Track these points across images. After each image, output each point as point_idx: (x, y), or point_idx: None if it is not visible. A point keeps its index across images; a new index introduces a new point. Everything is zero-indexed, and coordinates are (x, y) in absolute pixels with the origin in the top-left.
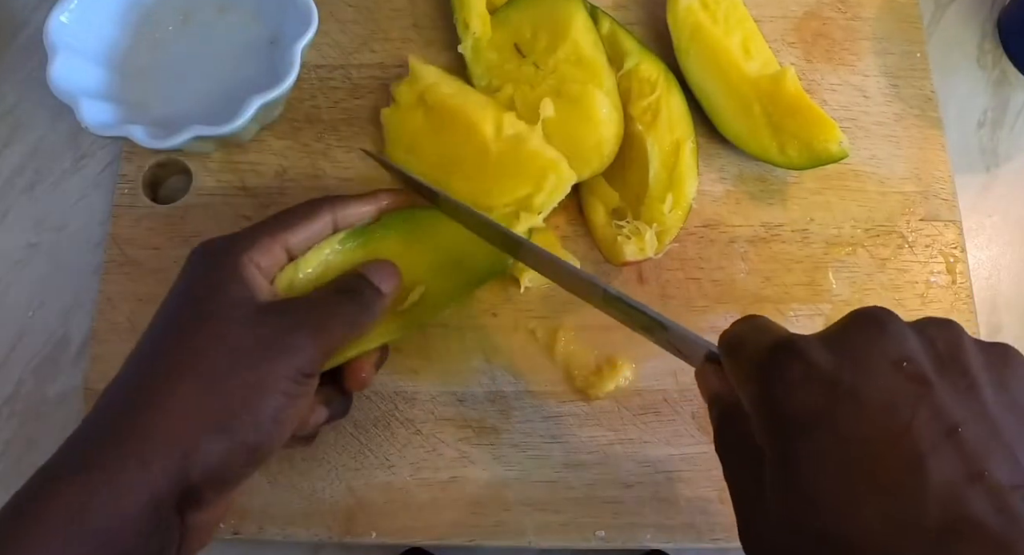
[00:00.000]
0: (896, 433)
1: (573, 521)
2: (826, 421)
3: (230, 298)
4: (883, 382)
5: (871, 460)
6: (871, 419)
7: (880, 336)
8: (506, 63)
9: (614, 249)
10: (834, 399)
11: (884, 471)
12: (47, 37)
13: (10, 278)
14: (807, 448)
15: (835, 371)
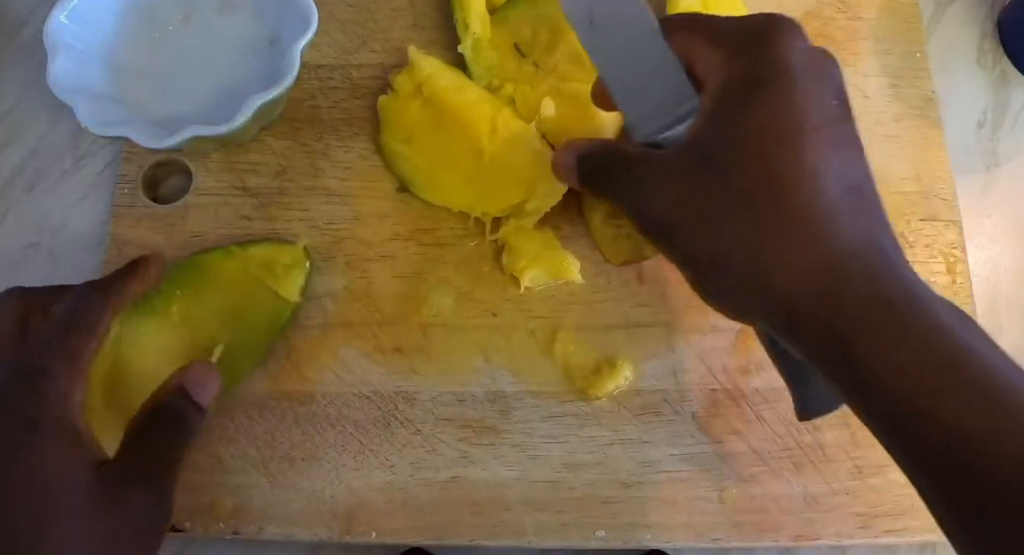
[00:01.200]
0: (834, 97)
1: (573, 521)
2: (807, 74)
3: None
4: (819, 76)
5: (822, 108)
6: (822, 84)
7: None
8: (506, 63)
9: (613, 249)
10: (818, 63)
11: (829, 120)
12: (47, 37)
13: (10, 278)
14: (789, 89)
15: (815, 50)
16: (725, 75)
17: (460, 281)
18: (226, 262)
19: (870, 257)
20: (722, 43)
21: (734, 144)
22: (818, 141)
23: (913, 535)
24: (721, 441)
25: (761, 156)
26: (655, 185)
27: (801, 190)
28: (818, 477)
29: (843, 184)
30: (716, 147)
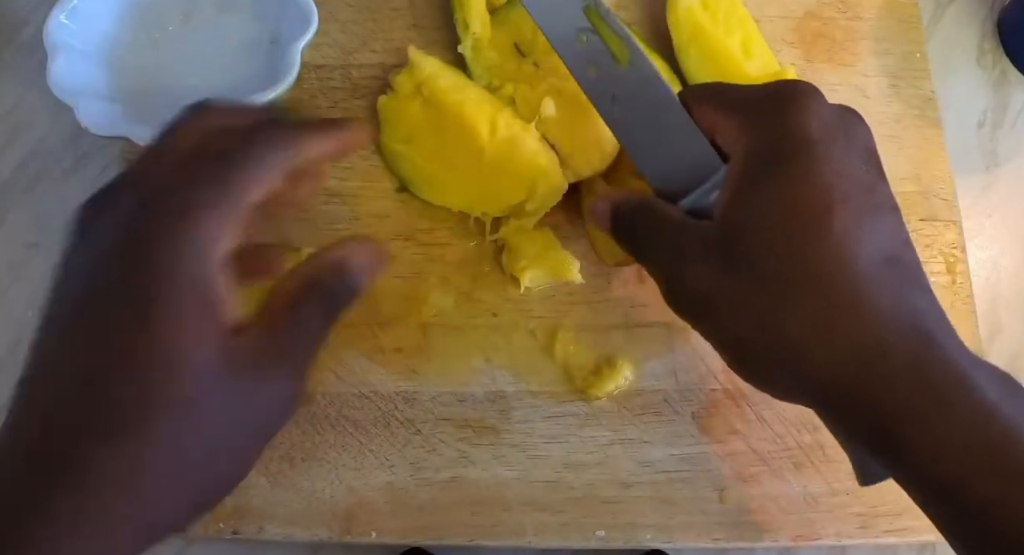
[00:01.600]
0: (864, 163)
1: (573, 521)
2: (830, 143)
3: (193, 336)
4: (847, 143)
5: (852, 178)
6: (850, 152)
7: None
8: (506, 63)
9: (608, 249)
10: (841, 127)
11: (859, 187)
12: (47, 37)
13: (10, 278)
14: (815, 159)
15: (833, 114)
16: (746, 147)
17: (460, 281)
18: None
19: (911, 334)
20: (741, 113)
21: (761, 223)
22: (849, 213)
23: (913, 535)
24: (721, 441)
25: (790, 235)
26: (691, 259)
27: (834, 269)
28: (818, 477)
29: (879, 256)
30: (743, 226)
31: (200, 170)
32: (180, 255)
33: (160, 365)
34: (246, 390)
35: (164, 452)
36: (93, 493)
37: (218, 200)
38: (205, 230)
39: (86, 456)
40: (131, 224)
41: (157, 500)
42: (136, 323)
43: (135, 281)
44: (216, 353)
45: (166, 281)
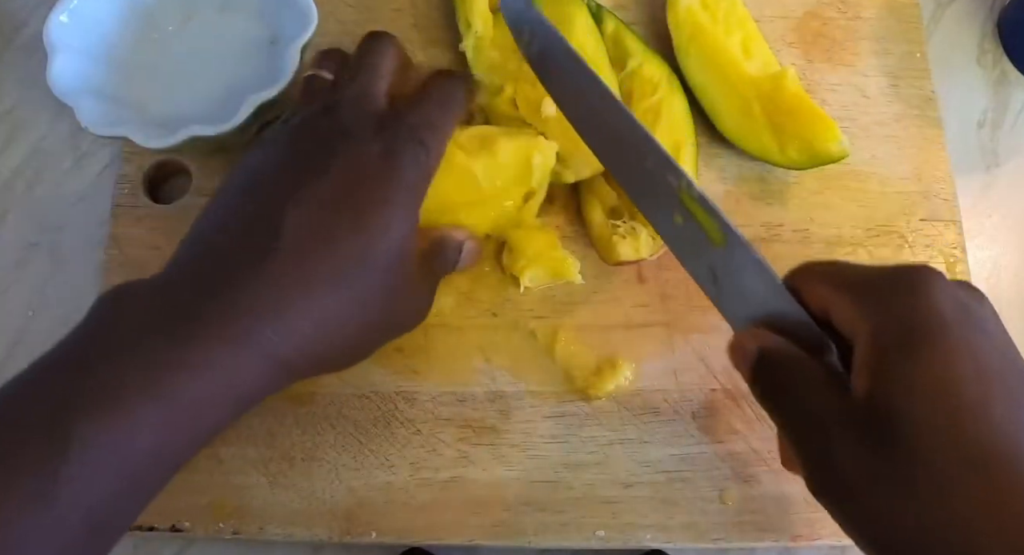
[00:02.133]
0: (1001, 350)
1: (573, 521)
2: (960, 327)
3: (411, 234)
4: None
5: (989, 365)
6: (986, 337)
7: (978, 295)
8: (507, 62)
9: (609, 248)
10: (964, 315)
11: (1004, 375)
12: (47, 37)
13: (10, 278)
14: (944, 344)
15: (960, 296)
16: (874, 328)
17: (460, 281)
18: None
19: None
20: (864, 294)
21: (914, 406)
22: (1006, 394)
23: None
24: (721, 441)
25: (948, 418)
26: (839, 435)
27: (1000, 451)
28: None
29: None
30: (894, 409)
31: (432, 113)
32: (422, 177)
33: (378, 237)
34: (410, 285)
35: (345, 302)
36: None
37: (442, 142)
38: (433, 162)
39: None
40: (388, 133)
41: (314, 335)
42: (372, 204)
43: (380, 174)
44: (410, 243)
45: (416, 194)
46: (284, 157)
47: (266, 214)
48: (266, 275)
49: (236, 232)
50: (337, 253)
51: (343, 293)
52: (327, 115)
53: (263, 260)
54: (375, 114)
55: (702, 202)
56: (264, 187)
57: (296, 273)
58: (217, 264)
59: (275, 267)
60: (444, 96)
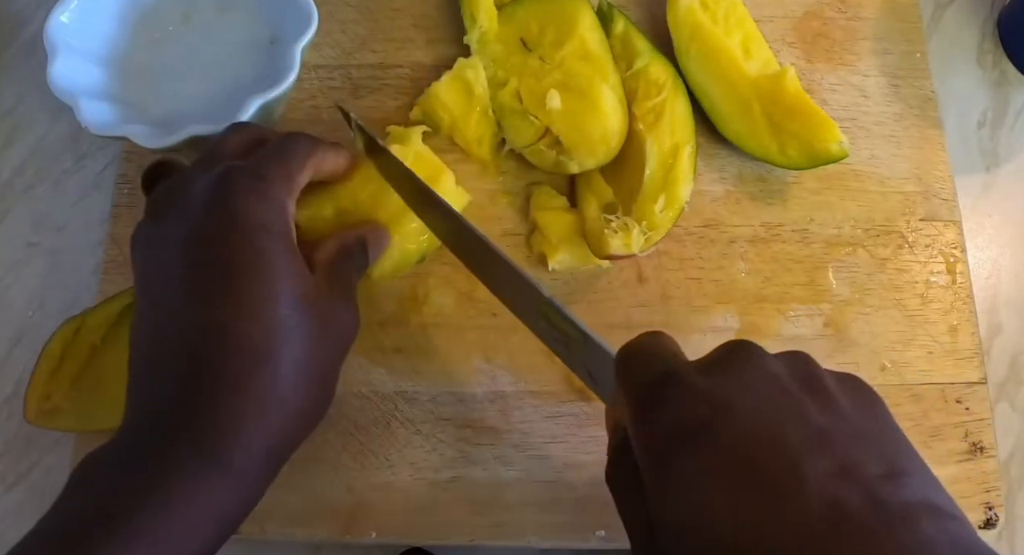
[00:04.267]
0: (771, 439)
1: (573, 521)
2: (704, 433)
3: (290, 272)
4: (755, 396)
5: (750, 465)
6: (747, 429)
7: (749, 360)
8: (512, 56)
9: (600, 241)
10: (712, 414)
11: (763, 473)
12: (47, 37)
13: (10, 278)
14: (688, 460)
15: (711, 389)
16: (636, 445)
17: (460, 281)
18: None
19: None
20: (628, 401)
21: (662, 527)
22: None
23: None
24: None
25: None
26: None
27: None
28: None
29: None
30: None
31: (264, 156)
32: (267, 212)
33: (272, 300)
34: (327, 313)
35: (283, 377)
36: (239, 416)
37: (284, 175)
38: (281, 195)
39: (216, 397)
40: (220, 187)
41: (278, 421)
42: (244, 269)
43: (233, 233)
44: (305, 287)
45: (272, 230)
46: (147, 277)
47: (172, 347)
48: (200, 407)
49: (159, 373)
50: (241, 339)
51: (268, 373)
52: (164, 202)
53: (192, 394)
54: (208, 176)
55: (562, 314)
56: (156, 316)
57: (222, 390)
58: (157, 418)
59: (203, 398)
60: (280, 141)
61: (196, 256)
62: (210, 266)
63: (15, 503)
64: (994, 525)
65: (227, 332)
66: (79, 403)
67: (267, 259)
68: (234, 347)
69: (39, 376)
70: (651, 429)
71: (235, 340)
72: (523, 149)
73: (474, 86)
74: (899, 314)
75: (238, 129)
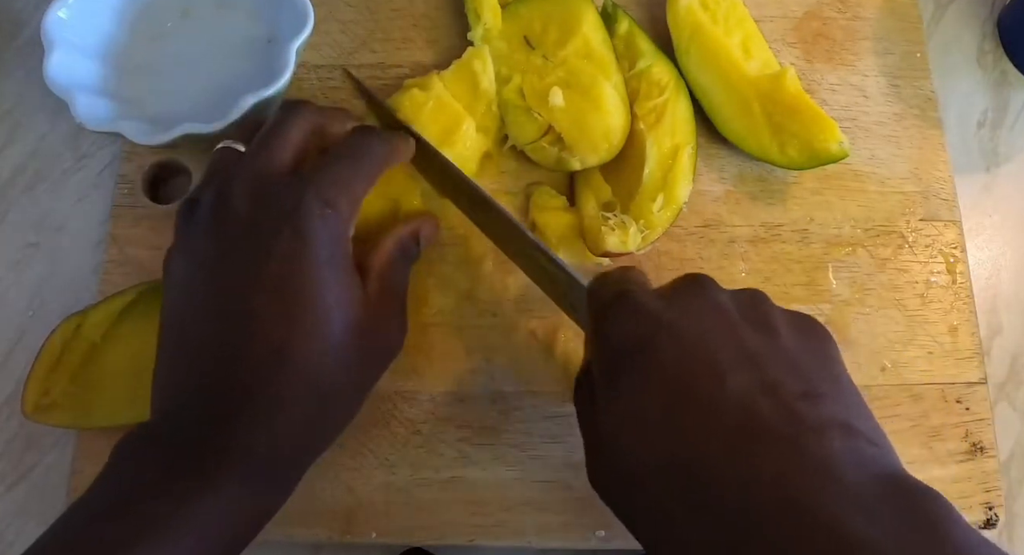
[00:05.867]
0: (705, 358)
1: (573, 521)
2: (648, 347)
3: (347, 300)
4: (698, 321)
5: (684, 380)
6: (685, 347)
7: (701, 289)
8: (515, 53)
9: (597, 238)
10: (656, 330)
11: (694, 388)
12: (44, 32)
13: (10, 278)
14: (630, 374)
15: (658, 310)
16: (592, 359)
17: (460, 281)
18: None
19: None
20: (588, 324)
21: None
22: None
23: None
24: None
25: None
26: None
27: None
28: None
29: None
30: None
31: (335, 172)
32: (333, 243)
33: (327, 330)
34: (378, 336)
35: (328, 401)
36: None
37: (352, 198)
38: (347, 220)
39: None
40: (290, 211)
41: (315, 441)
42: (306, 294)
43: (298, 259)
44: (361, 309)
45: (325, 265)
46: (200, 284)
47: (211, 354)
48: (244, 424)
49: (197, 377)
50: (294, 362)
51: (316, 397)
52: (222, 206)
53: (237, 411)
54: (274, 188)
55: (545, 253)
56: (196, 325)
57: (269, 411)
58: (198, 429)
59: (249, 416)
60: (352, 150)
61: (259, 279)
62: (271, 291)
63: (15, 503)
64: (994, 525)
65: (282, 355)
66: (77, 399)
67: (328, 289)
68: (289, 371)
69: (38, 371)
70: (603, 344)
71: (290, 364)
72: (525, 146)
73: (481, 77)
74: (899, 314)
75: (295, 115)
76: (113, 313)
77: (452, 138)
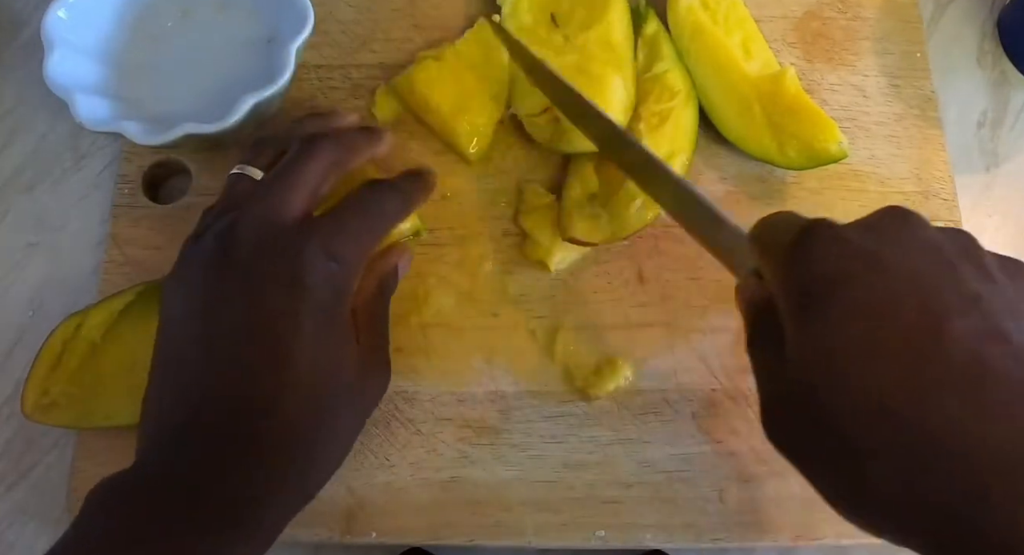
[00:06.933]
0: (922, 299)
1: (573, 521)
2: (851, 280)
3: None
4: (910, 257)
5: (895, 320)
6: (894, 283)
7: (906, 224)
8: (539, 27)
9: (568, 223)
10: (863, 266)
11: (908, 331)
12: (44, 32)
13: (10, 278)
14: (830, 305)
15: (865, 244)
16: (782, 295)
17: (460, 281)
18: None
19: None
20: (775, 259)
21: (810, 375)
22: (905, 342)
23: None
24: (721, 441)
25: (833, 387)
26: (774, 396)
27: (900, 413)
28: None
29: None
30: (799, 377)
31: (350, 223)
32: (335, 300)
33: (323, 384)
34: (366, 386)
35: (318, 451)
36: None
37: (360, 254)
38: (352, 277)
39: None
40: (293, 261)
41: (305, 491)
42: (299, 350)
43: (296, 312)
44: (354, 364)
45: (324, 323)
46: (198, 327)
47: (210, 408)
48: (233, 475)
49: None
50: (283, 419)
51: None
52: (224, 250)
53: (227, 461)
54: (279, 236)
55: (694, 195)
56: (186, 367)
57: (258, 462)
58: (187, 476)
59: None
60: (364, 203)
61: (253, 330)
62: (268, 343)
63: (15, 503)
64: None
65: (276, 410)
66: (77, 399)
67: (321, 347)
68: (280, 425)
69: (38, 371)
70: (797, 276)
71: (283, 419)
72: (525, 117)
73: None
74: None
75: (312, 152)
76: (113, 313)
77: (468, 105)
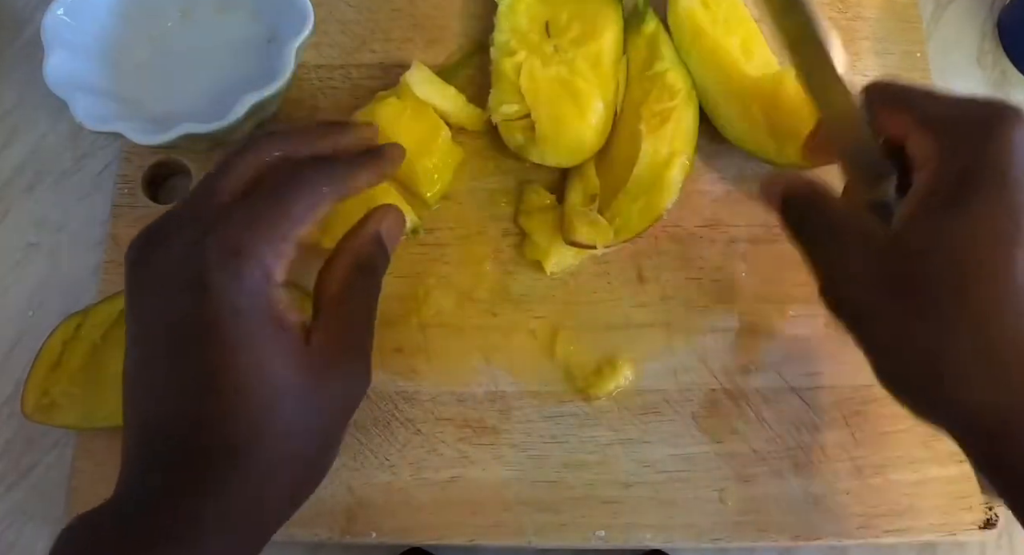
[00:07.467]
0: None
1: (573, 521)
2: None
3: (270, 356)
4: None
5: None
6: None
7: None
8: (531, 33)
9: (570, 227)
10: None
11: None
12: (44, 31)
13: (10, 278)
14: (1006, 191)
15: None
16: (939, 167)
17: (460, 281)
18: None
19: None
20: (937, 130)
21: (939, 253)
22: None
23: (913, 535)
24: (721, 441)
25: (969, 266)
26: (855, 263)
27: (1006, 312)
28: (818, 477)
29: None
30: (921, 251)
31: (256, 209)
32: (241, 294)
33: (251, 393)
34: (328, 387)
35: (276, 465)
36: (216, 519)
37: (268, 239)
38: (261, 266)
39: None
40: (192, 263)
41: (268, 508)
42: (218, 360)
43: (206, 320)
44: (296, 366)
45: (243, 313)
46: (138, 354)
47: (160, 430)
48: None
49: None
50: (220, 436)
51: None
52: (134, 266)
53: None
54: (176, 243)
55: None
56: (133, 395)
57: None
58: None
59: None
60: (275, 183)
61: (171, 342)
62: (185, 355)
63: (15, 503)
64: (994, 525)
65: (212, 427)
66: (77, 400)
67: (241, 348)
68: (219, 442)
69: (38, 371)
70: (976, 158)
71: (220, 436)
72: (499, 120)
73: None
74: None
75: (256, 146)
76: (113, 313)
77: (429, 147)
